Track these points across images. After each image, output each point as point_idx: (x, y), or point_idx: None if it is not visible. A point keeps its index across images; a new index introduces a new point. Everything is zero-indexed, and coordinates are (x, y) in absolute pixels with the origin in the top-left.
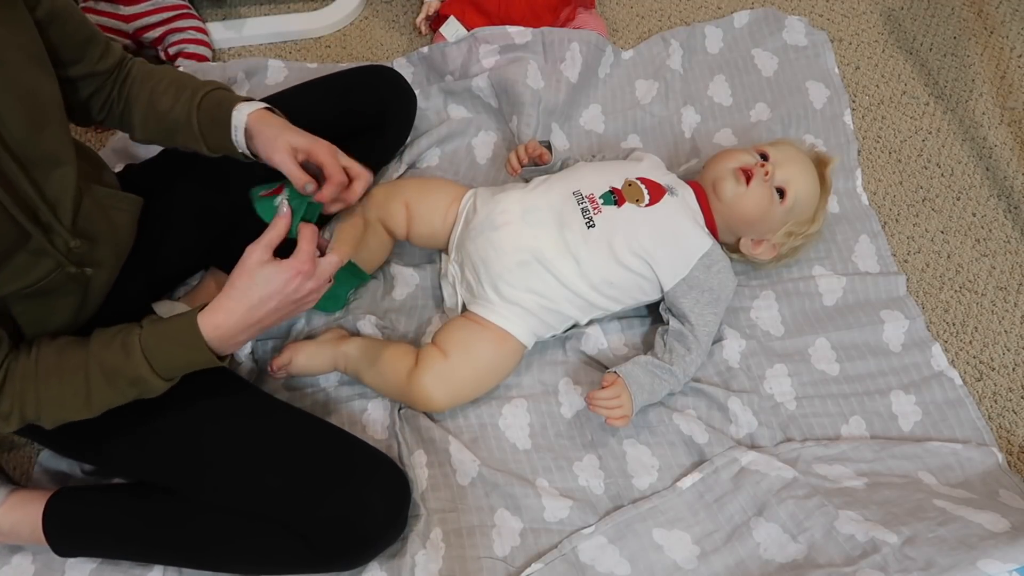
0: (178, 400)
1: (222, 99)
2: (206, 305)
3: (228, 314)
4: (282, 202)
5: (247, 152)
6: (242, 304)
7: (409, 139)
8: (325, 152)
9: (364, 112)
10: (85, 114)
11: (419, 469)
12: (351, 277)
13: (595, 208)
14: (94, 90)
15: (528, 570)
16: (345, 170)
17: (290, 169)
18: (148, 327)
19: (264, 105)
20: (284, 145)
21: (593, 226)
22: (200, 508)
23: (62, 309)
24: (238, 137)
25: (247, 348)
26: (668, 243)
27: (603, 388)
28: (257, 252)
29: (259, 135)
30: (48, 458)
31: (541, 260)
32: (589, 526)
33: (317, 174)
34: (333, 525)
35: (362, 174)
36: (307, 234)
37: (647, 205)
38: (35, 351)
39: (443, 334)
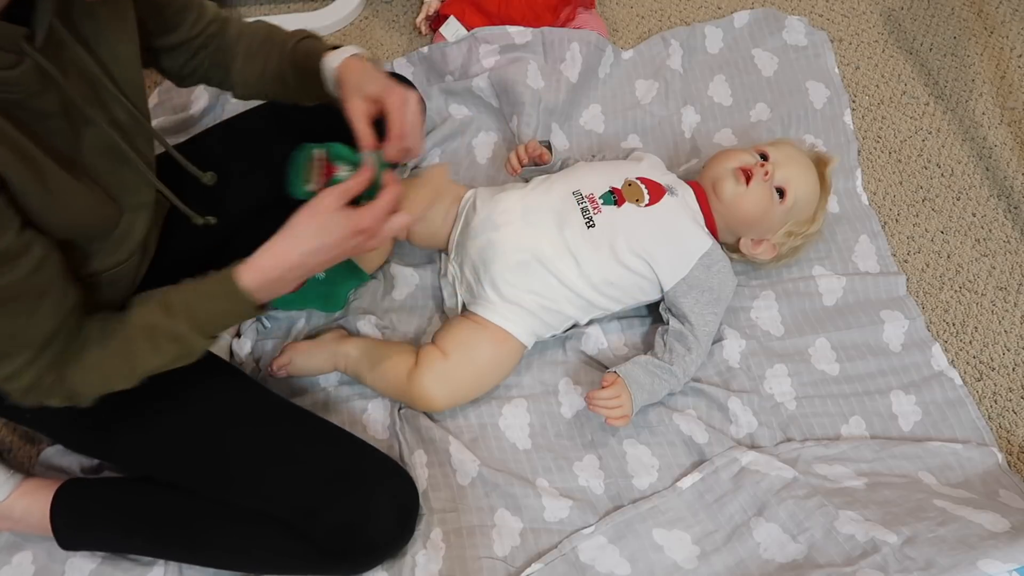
0: (191, 397)
1: (310, 50)
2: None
3: (277, 258)
4: (367, 156)
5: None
6: (296, 248)
7: None
8: (395, 106)
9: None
10: (180, 79)
11: (419, 469)
12: (351, 277)
13: (595, 208)
14: (188, 56)
15: (528, 570)
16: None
17: (360, 129)
18: (184, 284)
19: (350, 52)
20: (358, 104)
21: (593, 226)
22: (207, 505)
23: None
24: (332, 90)
25: (247, 348)
26: (668, 243)
27: (603, 388)
28: (332, 197)
29: (342, 81)
30: (49, 457)
31: (541, 260)
32: (589, 526)
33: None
34: (340, 530)
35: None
36: (391, 192)
37: (647, 205)
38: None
39: (443, 334)
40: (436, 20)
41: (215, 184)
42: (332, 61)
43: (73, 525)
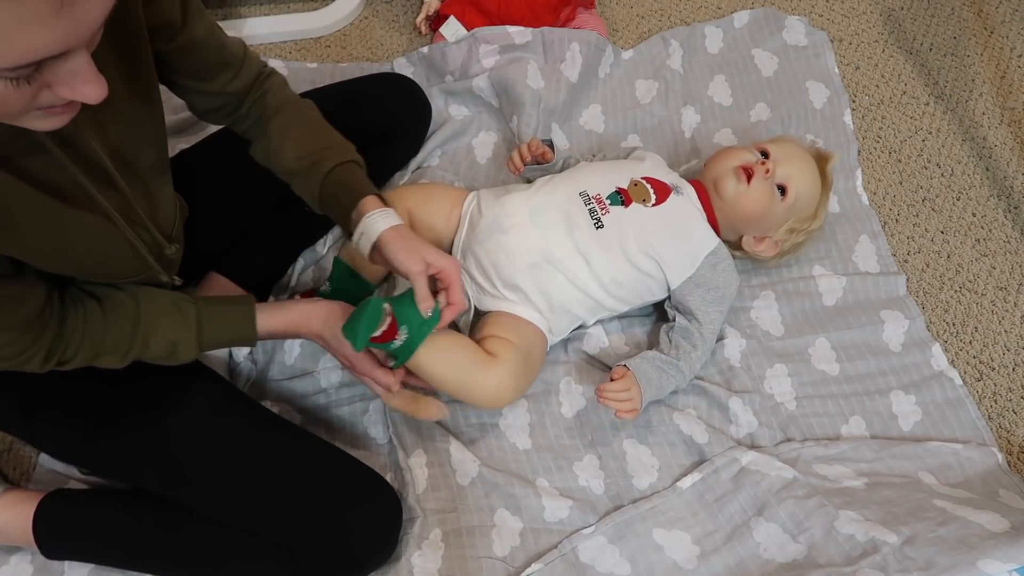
0: (175, 411)
1: (350, 184)
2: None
3: (290, 326)
4: (432, 314)
5: (364, 253)
6: (310, 327)
7: None
8: (455, 275)
9: (379, 126)
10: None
11: (419, 469)
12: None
13: (603, 209)
14: (221, 104)
15: (528, 570)
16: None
17: (422, 289)
18: (199, 297)
19: (390, 221)
20: (421, 260)
21: (602, 227)
22: (191, 523)
23: None
24: (362, 243)
25: (245, 349)
26: (676, 242)
27: (613, 380)
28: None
29: (394, 244)
30: (48, 458)
31: (552, 261)
32: (589, 526)
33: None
34: (321, 547)
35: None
36: (399, 375)
37: (654, 205)
38: (83, 301)
39: (497, 326)
40: (436, 20)
41: (230, 182)
42: (376, 223)
43: (55, 539)
